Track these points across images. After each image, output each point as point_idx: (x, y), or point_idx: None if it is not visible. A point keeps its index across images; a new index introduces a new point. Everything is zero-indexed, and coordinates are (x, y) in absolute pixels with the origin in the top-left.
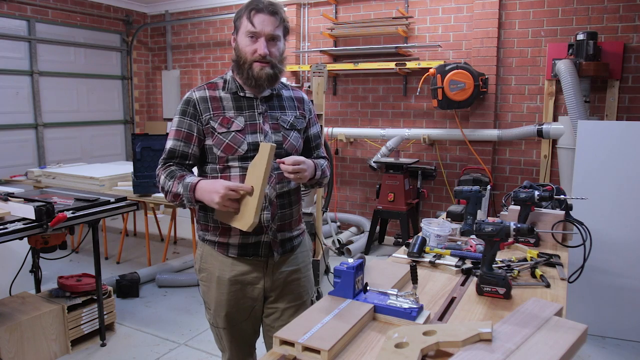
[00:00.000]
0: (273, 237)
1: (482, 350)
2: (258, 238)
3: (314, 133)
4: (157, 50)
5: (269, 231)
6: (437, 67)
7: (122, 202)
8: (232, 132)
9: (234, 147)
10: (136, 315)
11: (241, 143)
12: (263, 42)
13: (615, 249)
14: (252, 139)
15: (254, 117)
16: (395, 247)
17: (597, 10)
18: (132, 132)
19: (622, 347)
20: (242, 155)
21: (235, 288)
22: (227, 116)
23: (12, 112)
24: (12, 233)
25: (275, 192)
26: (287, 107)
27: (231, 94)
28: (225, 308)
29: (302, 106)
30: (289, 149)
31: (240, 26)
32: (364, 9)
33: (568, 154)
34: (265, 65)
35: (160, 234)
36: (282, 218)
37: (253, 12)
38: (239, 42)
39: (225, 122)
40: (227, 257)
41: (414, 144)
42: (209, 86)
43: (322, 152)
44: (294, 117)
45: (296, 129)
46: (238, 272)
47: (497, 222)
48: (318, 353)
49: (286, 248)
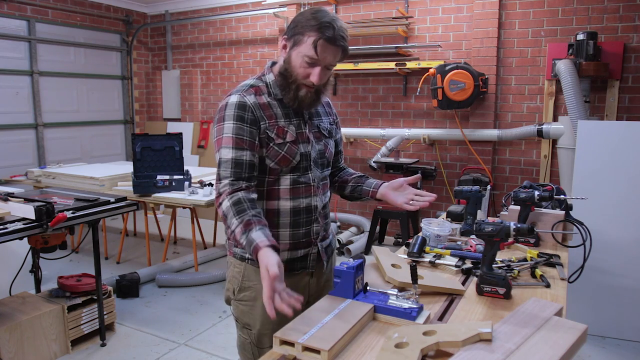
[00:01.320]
0: (321, 248)
1: (482, 350)
2: (306, 251)
3: (340, 136)
4: (157, 50)
5: (318, 242)
6: (437, 67)
7: (122, 202)
8: (288, 143)
9: (289, 159)
10: (136, 315)
11: (295, 154)
12: (319, 71)
13: (615, 249)
14: (303, 149)
15: (301, 126)
16: (395, 247)
17: (597, 10)
18: (132, 132)
19: (622, 347)
20: (295, 166)
21: None
22: (280, 125)
23: (12, 112)
24: (12, 233)
25: (322, 203)
26: (322, 113)
27: (277, 101)
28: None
29: (331, 110)
30: (329, 157)
31: (301, 44)
32: (364, 9)
33: (568, 154)
34: (312, 89)
35: (160, 234)
36: (325, 228)
37: (321, 42)
38: (293, 58)
39: (280, 132)
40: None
41: (414, 144)
42: (256, 90)
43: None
44: (329, 124)
45: (331, 137)
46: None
47: (497, 222)
48: (318, 353)
49: (329, 254)
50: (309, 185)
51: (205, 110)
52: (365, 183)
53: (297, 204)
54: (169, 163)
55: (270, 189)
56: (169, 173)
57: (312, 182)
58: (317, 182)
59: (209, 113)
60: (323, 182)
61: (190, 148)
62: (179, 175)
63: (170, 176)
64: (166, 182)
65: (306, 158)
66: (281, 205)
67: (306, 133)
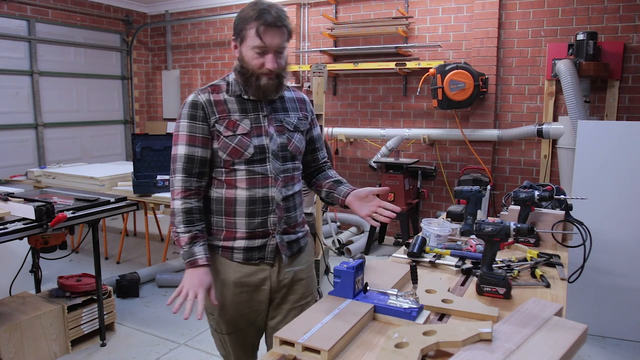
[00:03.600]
0: (280, 240)
1: (482, 350)
2: (264, 241)
3: (317, 134)
4: (157, 50)
5: (276, 234)
6: (437, 67)
7: (122, 202)
8: (238, 135)
9: (240, 151)
10: (136, 315)
11: (247, 146)
12: (271, 57)
13: (615, 249)
14: (258, 142)
15: (259, 120)
16: (395, 247)
17: (597, 10)
18: (132, 132)
19: (622, 347)
20: (249, 158)
21: (240, 291)
22: (232, 119)
23: (12, 112)
24: (12, 233)
25: (282, 195)
26: (290, 108)
27: (235, 97)
28: (229, 312)
29: (305, 107)
30: (293, 150)
31: (246, 38)
32: (364, 9)
33: (568, 154)
34: (272, 76)
35: (160, 234)
36: (287, 221)
37: (262, 28)
38: (244, 54)
39: (231, 126)
40: (232, 261)
41: (414, 144)
42: (213, 89)
43: (324, 153)
44: (297, 119)
45: (299, 131)
46: (243, 274)
47: (497, 222)
48: (318, 353)
49: (293, 250)
50: (266, 176)
51: None
52: (337, 190)
53: (252, 194)
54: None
55: (227, 179)
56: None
57: (270, 173)
58: (276, 173)
59: None
60: (284, 174)
61: None
62: None
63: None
64: (166, 182)
65: (263, 150)
66: (238, 194)
67: (265, 127)
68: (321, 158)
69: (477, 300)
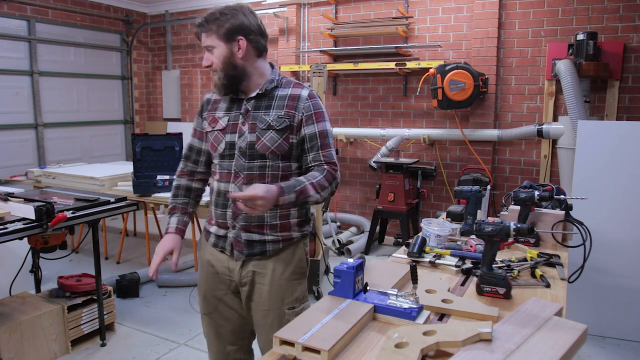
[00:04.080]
0: (236, 236)
1: (482, 350)
2: (224, 232)
3: (308, 133)
4: (157, 50)
5: (232, 229)
6: (437, 67)
7: (122, 202)
8: (215, 131)
9: (215, 145)
10: (136, 315)
11: (220, 142)
12: (205, 55)
13: (615, 249)
14: (229, 138)
15: (237, 118)
16: (395, 247)
17: (597, 10)
18: (132, 132)
19: (622, 347)
20: (221, 153)
21: (210, 270)
22: (215, 116)
23: (12, 112)
24: (12, 233)
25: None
26: (275, 106)
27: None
28: (202, 289)
29: (294, 104)
30: (261, 149)
31: None
32: (364, 9)
33: (568, 154)
34: (214, 74)
35: (160, 234)
36: (247, 219)
37: (195, 31)
38: None
39: (212, 122)
40: (208, 243)
41: (414, 144)
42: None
43: (322, 155)
44: (275, 117)
45: (275, 129)
46: (215, 258)
47: (497, 222)
48: (318, 353)
49: (254, 250)
50: (229, 172)
51: None
52: None
53: (218, 186)
54: (169, 163)
55: (212, 170)
56: (169, 173)
57: (232, 169)
58: (239, 170)
59: None
60: (248, 172)
61: None
62: None
63: (170, 176)
64: (166, 182)
65: (232, 147)
66: (214, 185)
67: (239, 124)
68: (310, 160)
69: (477, 300)
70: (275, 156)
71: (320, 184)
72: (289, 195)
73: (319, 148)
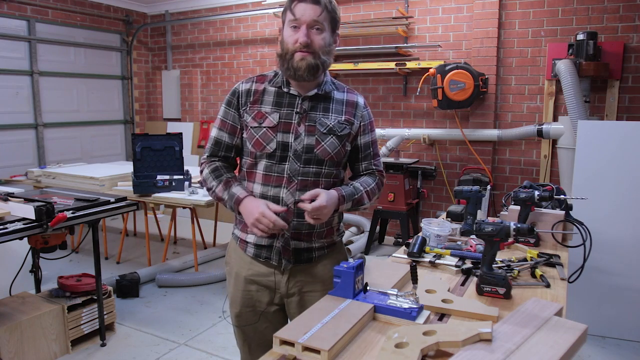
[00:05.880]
0: (284, 245)
1: (482, 350)
2: (270, 242)
3: (364, 142)
4: (157, 50)
5: (281, 237)
6: (437, 67)
7: (122, 202)
8: (264, 128)
9: (262, 144)
10: (136, 315)
11: (270, 140)
12: (304, 29)
13: (615, 249)
14: (282, 137)
15: (291, 116)
16: (395, 247)
17: (597, 10)
18: (132, 132)
19: (622, 347)
20: (270, 153)
21: (250, 288)
22: (262, 111)
23: (12, 112)
24: (12, 233)
25: (294, 198)
26: (333, 110)
27: (276, 88)
28: (238, 306)
29: (353, 111)
30: (320, 154)
31: (285, 19)
32: (364, 9)
33: (568, 154)
34: (307, 54)
35: (160, 234)
36: (298, 227)
37: (295, 3)
38: (283, 35)
39: (258, 117)
40: (245, 254)
41: (414, 144)
42: (259, 78)
43: (373, 163)
44: (336, 122)
45: (336, 135)
46: (255, 272)
47: (497, 222)
48: (318, 353)
49: (302, 258)
50: (281, 176)
51: (205, 110)
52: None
53: (265, 190)
54: (169, 163)
55: (249, 171)
56: (169, 173)
57: (286, 173)
58: (293, 175)
59: (209, 113)
60: (302, 177)
61: (190, 148)
62: (179, 175)
63: (170, 176)
64: (166, 182)
65: (285, 148)
66: (254, 188)
67: (294, 124)
68: (363, 169)
69: (477, 300)
70: (333, 162)
71: (373, 192)
72: (347, 204)
73: (372, 157)
